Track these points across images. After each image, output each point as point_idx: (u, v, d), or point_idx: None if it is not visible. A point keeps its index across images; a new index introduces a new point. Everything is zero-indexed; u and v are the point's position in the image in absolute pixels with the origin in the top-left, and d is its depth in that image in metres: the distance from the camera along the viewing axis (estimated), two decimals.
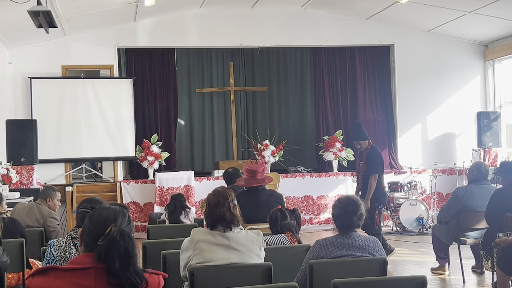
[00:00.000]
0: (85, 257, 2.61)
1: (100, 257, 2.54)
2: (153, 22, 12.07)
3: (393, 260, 8.24)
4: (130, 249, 2.56)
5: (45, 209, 6.83)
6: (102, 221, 2.67)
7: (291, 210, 5.23)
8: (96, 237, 2.60)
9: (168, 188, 11.20)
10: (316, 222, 11.88)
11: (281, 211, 5.15)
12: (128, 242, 2.58)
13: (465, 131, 12.89)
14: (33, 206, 6.88)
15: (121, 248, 2.54)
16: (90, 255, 2.58)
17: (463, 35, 12.75)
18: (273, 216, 5.14)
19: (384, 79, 13.15)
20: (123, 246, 2.55)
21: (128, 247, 2.56)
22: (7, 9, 8.38)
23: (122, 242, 2.55)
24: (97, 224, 2.66)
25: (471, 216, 7.16)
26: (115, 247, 2.53)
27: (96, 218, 2.70)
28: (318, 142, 12.76)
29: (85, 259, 2.59)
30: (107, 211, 2.74)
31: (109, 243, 2.54)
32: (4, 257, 4.51)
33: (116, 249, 2.53)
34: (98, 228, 2.63)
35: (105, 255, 2.52)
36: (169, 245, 5.01)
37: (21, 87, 11.48)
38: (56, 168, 11.60)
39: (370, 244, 4.16)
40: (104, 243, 2.55)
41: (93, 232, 2.64)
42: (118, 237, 2.56)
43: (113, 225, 2.63)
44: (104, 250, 2.53)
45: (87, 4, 9.82)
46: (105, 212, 2.73)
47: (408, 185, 11.45)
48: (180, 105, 12.83)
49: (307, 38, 12.67)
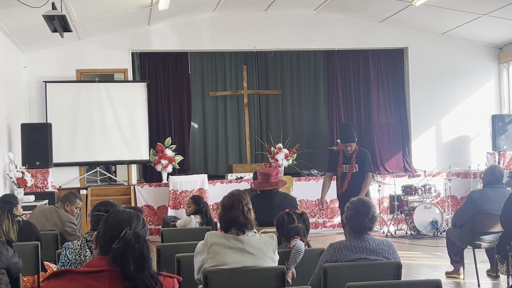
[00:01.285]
0: (100, 260, 2.61)
1: (115, 260, 2.54)
2: (167, 26, 12.11)
3: (407, 264, 8.21)
4: (145, 252, 2.57)
5: (64, 214, 6.86)
6: (117, 224, 2.68)
7: (299, 213, 5.20)
8: (111, 240, 2.61)
9: (181, 191, 11.22)
10: (329, 225, 11.86)
11: (288, 215, 5.13)
12: (143, 245, 2.58)
13: (480, 134, 12.83)
14: (52, 209, 6.92)
15: (136, 251, 2.55)
16: (105, 258, 2.59)
17: (477, 37, 12.70)
18: (279, 219, 5.12)
19: (397, 82, 13.12)
20: (138, 249, 2.55)
21: (143, 250, 2.57)
22: (23, 13, 8.44)
23: (137, 245, 2.56)
24: (112, 227, 2.67)
25: (486, 220, 7.11)
26: (130, 250, 2.54)
27: (111, 222, 2.71)
28: (331, 145, 12.74)
29: (100, 262, 2.59)
30: (122, 215, 2.75)
31: (124, 246, 2.55)
32: (15, 258, 4.54)
33: (131, 252, 2.54)
34: (113, 231, 2.64)
35: (120, 258, 2.53)
36: (183, 248, 5.02)
37: (36, 91, 11.56)
38: (71, 172, 11.67)
39: (384, 247, 4.14)
40: (119, 246, 2.55)
41: (108, 235, 2.65)
42: (133, 240, 2.56)
43: (128, 228, 2.63)
44: (119, 253, 2.53)
45: (101, 8, 9.87)
46: (120, 216, 2.74)
47: (422, 189, 11.39)
48: (193, 109, 12.86)
49: (320, 41, 12.66)
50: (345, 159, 8.47)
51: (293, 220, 5.07)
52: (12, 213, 5.66)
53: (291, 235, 4.96)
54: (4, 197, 6.00)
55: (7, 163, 9.50)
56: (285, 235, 5.01)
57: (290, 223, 5.05)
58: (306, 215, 5.23)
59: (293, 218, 5.09)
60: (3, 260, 4.39)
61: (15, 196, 6.25)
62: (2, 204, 5.75)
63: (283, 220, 5.08)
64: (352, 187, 8.31)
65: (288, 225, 5.03)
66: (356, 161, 8.40)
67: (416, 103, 12.90)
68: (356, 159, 8.41)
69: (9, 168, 9.51)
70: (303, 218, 5.17)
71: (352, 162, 8.39)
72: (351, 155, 8.44)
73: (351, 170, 8.37)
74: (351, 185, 8.34)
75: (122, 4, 9.98)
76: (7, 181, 9.51)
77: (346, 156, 8.47)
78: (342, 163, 8.46)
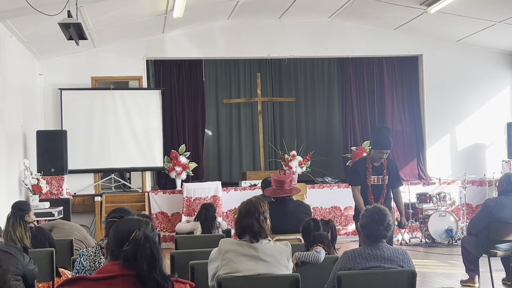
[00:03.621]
0: (112, 265, 2.62)
1: (127, 261, 2.55)
2: (181, 33, 12.16)
3: (422, 272, 8.16)
4: (155, 252, 2.57)
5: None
6: (126, 228, 2.69)
7: (326, 221, 5.15)
8: (121, 244, 2.61)
9: (195, 198, 11.24)
10: (343, 233, 11.81)
11: (314, 221, 5.07)
12: (153, 245, 2.59)
13: (495, 142, 12.75)
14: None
15: (147, 250, 2.55)
16: (117, 263, 2.59)
17: (493, 45, 12.64)
18: (305, 225, 5.08)
19: (412, 89, 13.08)
20: (149, 248, 2.56)
21: (153, 249, 2.58)
22: (38, 21, 8.51)
23: (147, 245, 2.56)
24: (122, 231, 2.68)
25: (501, 228, 7.06)
26: (141, 249, 2.55)
27: (121, 226, 2.73)
28: (345, 153, 12.73)
29: (112, 268, 2.60)
30: (131, 221, 2.77)
31: (134, 247, 2.55)
32: (31, 265, 4.56)
33: (142, 252, 2.54)
34: (123, 235, 2.65)
35: (132, 259, 2.53)
36: (197, 255, 5.01)
37: (51, 98, 11.64)
38: (86, 178, 11.72)
39: (399, 255, 4.12)
40: (129, 247, 2.56)
41: (118, 239, 2.65)
42: (143, 240, 2.57)
43: (137, 230, 2.64)
44: (131, 253, 2.54)
45: (116, 16, 9.93)
46: (129, 221, 2.76)
47: (437, 196, 11.33)
48: (207, 116, 12.88)
49: (334, 48, 12.66)
50: (374, 169, 7.34)
51: (318, 227, 5.03)
52: (24, 220, 5.70)
53: (315, 242, 4.93)
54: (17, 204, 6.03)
55: (23, 170, 9.56)
56: (310, 241, 4.98)
57: (315, 230, 5.01)
58: (332, 223, 5.15)
59: (319, 225, 5.04)
60: (19, 267, 4.42)
61: (28, 203, 6.28)
62: (15, 211, 5.79)
63: (309, 226, 5.05)
64: (384, 202, 7.19)
65: (314, 232, 5.00)
66: (388, 170, 7.34)
67: (431, 111, 12.86)
68: (388, 169, 7.34)
69: (24, 175, 9.57)
70: (329, 225, 5.11)
71: (384, 173, 7.31)
72: (381, 164, 7.34)
73: (384, 182, 7.33)
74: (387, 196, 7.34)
75: (137, 12, 10.04)
76: (23, 187, 9.57)
77: (375, 166, 7.34)
78: (372, 174, 7.30)
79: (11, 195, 8.74)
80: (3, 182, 8.42)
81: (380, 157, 7.27)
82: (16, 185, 9.31)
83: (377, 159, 7.29)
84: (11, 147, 9.00)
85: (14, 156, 9.19)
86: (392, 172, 7.39)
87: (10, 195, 8.64)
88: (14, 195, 8.98)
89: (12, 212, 5.79)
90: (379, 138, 7.36)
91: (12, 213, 5.78)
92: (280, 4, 11.44)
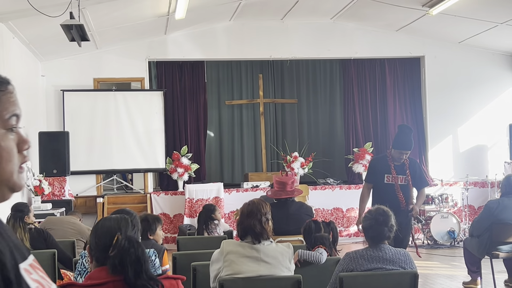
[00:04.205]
0: (100, 271, 2.62)
1: (115, 268, 2.55)
2: (183, 35, 12.17)
3: (424, 273, 8.16)
4: (140, 255, 2.57)
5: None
6: (106, 232, 2.69)
7: (327, 222, 5.15)
8: (104, 249, 2.62)
9: (197, 199, 11.24)
10: (345, 234, 11.80)
11: (315, 223, 5.07)
12: (138, 248, 2.59)
13: (497, 143, 12.74)
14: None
15: (132, 255, 2.55)
16: (104, 269, 2.60)
17: (495, 46, 12.63)
18: (306, 227, 5.08)
19: (414, 91, 13.08)
20: (134, 253, 2.56)
21: (138, 253, 2.57)
22: (41, 23, 8.53)
23: (132, 249, 2.57)
24: (103, 236, 2.68)
25: (503, 229, 7.06)
26: (127, 255, 2.55)
27: (100, 231, 2.73)
28: (347, 154, 12.72)
29: (101, 274, 2.60)
30: (109, 222, 2.77)
31: (119, 253, 2.55)
32: None
33: (128, 258, 2.55)
34: (105, 240, 2.65)
35: (120, 266, 2.54)
36: (199, 257, 5.02)
37: (53, 99, 11.65)
38: (88, 180, 11.73)
39: (401, 257, 4.12)
40: (114, 253, 2.56)
41: (101, 245, 2.66)
42: (127, 245, 2.57)
43: (118, 233, 2.64)
44: (118, 261, 2.54)
45: (119, 18, 9.95)
46: (108, 223, 2.76)
47: (439, 198, 11.33)
48: (209, 117, 12.90)
49: (336, 50, 12.66)
50: (396, 168, 6.99)
51: (319, 229, 5.03)
52: (24, 221, 5.71)
53: (316, 244, 4.93)
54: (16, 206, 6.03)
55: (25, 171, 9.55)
56: (311, 243, 4.97)
57: (317, 231, 5.01)
58: (334, 224, 5.15)
59: (320, 227, 5.04)
60: None
61: (27, 205, 6.27)
62: (14, 213, 5.80)
63: (310, 228, 5.05)
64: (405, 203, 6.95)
65: (315, 233, 5.00)
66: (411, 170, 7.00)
67: (433, 112, 12.85)
68: (410, 168, 7.00)
69: (26, 176, 9.57)
70: (330, 227, 5.11)
71: (408, 173, 6.95)
72: (402, 164, 7.02)
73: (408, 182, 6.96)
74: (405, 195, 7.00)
75: (139, 14, 10.05)
76: (25, 189, 9.57)
77: (396, 165, 6.99)
78: (396, 173, 6.96)
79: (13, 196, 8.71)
80: None
81: (400, 158, 6.95)
82: None
83: (397, 159, 6.96)
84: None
85: None
86: (415, 172, 7.04)
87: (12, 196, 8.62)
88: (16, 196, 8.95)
89: (12, 214, 5.80)
90: (399, 138, 7.06)
91: (12, 214, 5.79)
92: (282, 5, 11.44)
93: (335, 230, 5.13)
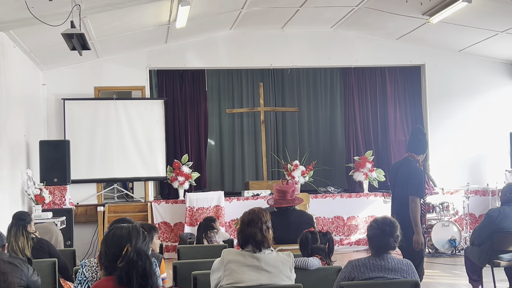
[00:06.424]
0: (107, 281, 2.62)
1: (121, 280, 2.55)
2: (184, 44, 12.19)
3: (425, 282, 8.13)
4: (147, 269, 2.57)
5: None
6: (117, 242, 2.69)
7: (324, 233, 5.15)
8: (113, 259, 2.62)
9: (198, 208, 11.23)
10: (346, 243, 11.79)
11: (312, 234, 5.07)
12: (146, 261, 2.59)
13: (498, 152, 12.72)
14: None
15: (139, 268, 2.55)
16: (111, 279, 2.60)
17: (495, 55, 12.65)
18: (303, 238, 5.08)
19: (415, 99, 13.09)
20: (141, 266, 2.56)
21: (146, 266, 2.57)
22: (42, 32, 8.55)
23: (140, 262, 2.57)
24: (113, 246, 2.68)
25: (504, 238, 7.05)
26: (134, 268, 2.55)
27: (111, 240, 2.72)
28: (348, 163, 12.71)
29: (108, 284, 2.60)
30: (121, 231, 2.76)
31: (127, 265, 2.55)
32: (35, 276, 4.56)
33: (135, 270, 2.54)
34: (115, 250, 2.65)
35: (126, 278, 2.54)
36: (199, 266, 5.02)
37: (54, 108, 11.67)
38: (88, 188, 11.72)
39: (403, 266, 4.10)
40: (122, 265, 2.56)
41: (110, 254, 2.66)
42: (136, 258, 2.57)
43: (128, 245, 2.64)
44: (125, 273, 2.54)
45: (119, 27, 9.97)
46: (119, 232, 2.75)
47: (440, 206, 11.31)
48: (210, 126, 12.89)
49: (337, 58, 12.68)
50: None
51: (316, 240, 5.03)
52: (26, 230, 5.71)
53: (313, 254, 4.93)
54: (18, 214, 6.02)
55: (25, 180, 9.56)
56: (308, 254, 4.97)
57: (313, 242, 5.01)
58: (330, 235, 5.15)
59: (316, 238, 5.04)
60: (23, 278, 4.43)
61: (28, 213, 6.27)
62: (16, 221, 5.79)
63: (307, 239, 5.04)
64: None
65: (312, 244, 5.00)
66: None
67: (434, 120, 12.86)
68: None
69: (27, 185, 9.57)
70: (327, 237, 5.11)
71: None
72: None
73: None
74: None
75: (140, 23, 10.07)
76: (25, 197, 9.57)
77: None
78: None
79: (13, 205, 8.74)
80: (6, 192, 8.42)
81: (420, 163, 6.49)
82: (19, 195, 9.31)
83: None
84: (14, 157, 9.01)
85: (17, 166, 9.20)
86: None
87: (13, 205, 8.64)
88: (17, 205, 8.99)
89: (14, 222, 5.79)
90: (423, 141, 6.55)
91: (13, 222, 5.78)
92: (283, 14, 11.47)
93: (331, 240, 5.13)
